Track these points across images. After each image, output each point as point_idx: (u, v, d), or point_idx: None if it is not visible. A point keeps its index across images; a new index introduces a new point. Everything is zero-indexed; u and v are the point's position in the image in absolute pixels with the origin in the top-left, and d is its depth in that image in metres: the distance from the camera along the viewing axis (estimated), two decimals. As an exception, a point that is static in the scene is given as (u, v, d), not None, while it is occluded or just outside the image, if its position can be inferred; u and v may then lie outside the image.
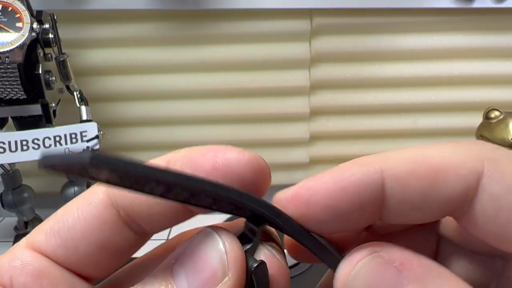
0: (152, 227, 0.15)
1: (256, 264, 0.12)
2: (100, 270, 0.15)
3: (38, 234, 0.14)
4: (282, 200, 0.13)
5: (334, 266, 0.13)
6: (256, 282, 0.12)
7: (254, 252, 0.13)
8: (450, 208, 0.13)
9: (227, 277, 0.12)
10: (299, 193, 0.13)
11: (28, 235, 0.15)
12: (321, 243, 0.14)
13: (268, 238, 0.14)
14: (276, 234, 0.15)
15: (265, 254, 0.13)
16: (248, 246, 0.13)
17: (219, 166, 0.13)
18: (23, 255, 0.14)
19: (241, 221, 0.14)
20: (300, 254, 0.16)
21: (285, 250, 0.15)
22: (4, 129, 0.52)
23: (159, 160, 0.15)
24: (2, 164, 0.53)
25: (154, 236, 0.53)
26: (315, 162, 0.67)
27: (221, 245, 0.12)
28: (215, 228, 0.13)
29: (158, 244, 0.17)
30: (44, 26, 0.48)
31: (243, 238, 0.13)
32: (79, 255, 0.14)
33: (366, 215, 0.13)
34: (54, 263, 0.14)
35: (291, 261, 0.55)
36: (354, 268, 0.12)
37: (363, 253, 0.13)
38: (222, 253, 0.12)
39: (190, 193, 0.12)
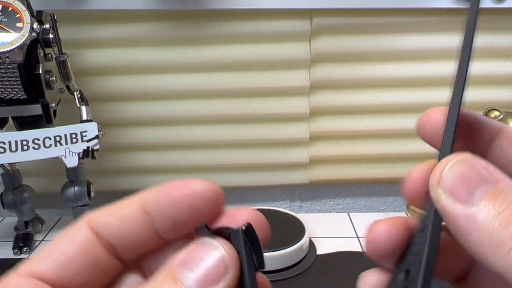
0: (127, 254, 0.17)
1: (245, 227, 0.15)
2: None
3: (30, 261, 0.16)
4: None
5: None
6: (248, 241, 0.15)
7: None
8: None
9: (228, 273, 0.15)
10: None
11: (20, 266, 0.16)
12: None
13: None
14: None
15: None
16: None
17: (187, 194, 0.16)
18: (16, 280, 0.15)
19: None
20: None
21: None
22: (4, 129, 0.52)
23: (133, 200, 0.17)
24: (2, 164, 0.53)
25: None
26: (315, 162, 0.67)
27: (222, 249, 0.15)
28: (211, 236, 0.15)
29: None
30: (44, 26, 0.48)
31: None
32: (71, 274, 0.16)
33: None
34: (47, 285, 0.15)
35: (290, 260, 0.55)
36: (450, 162, 0.15)
37: (457, 154, 0.15)
38: (224, 256, 0.15)
39: None
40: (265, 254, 0.15)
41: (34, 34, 0.46)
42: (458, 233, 0.14)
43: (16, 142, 0.50)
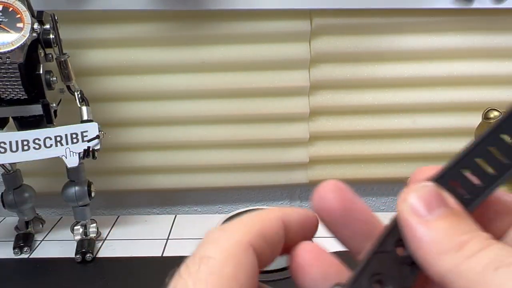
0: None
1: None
2: None
3: None
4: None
5: None
6: None
7: None
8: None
9: None
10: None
11: None
12: None
13: None
14: None
15: None
16: None
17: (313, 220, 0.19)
18: None
19: None
20: None
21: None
22: (5, 129, 0.52)
23: (276, 215, 0.18)
24: (3, 164, 0.53)
25: (154, 236, 0.53)
26: (315, 162, 0.67)
27: None
28: None
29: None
30: (44, 27, 0.48)
31: None
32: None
33: None
34: None
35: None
36: (419, 186, 0.16)
37: (424, 182, 0.17)
38: None
39: None
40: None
41: (34, 34, 0.46)
42: (413, 242, 0.15)
43: (16, 142, 0.50)
